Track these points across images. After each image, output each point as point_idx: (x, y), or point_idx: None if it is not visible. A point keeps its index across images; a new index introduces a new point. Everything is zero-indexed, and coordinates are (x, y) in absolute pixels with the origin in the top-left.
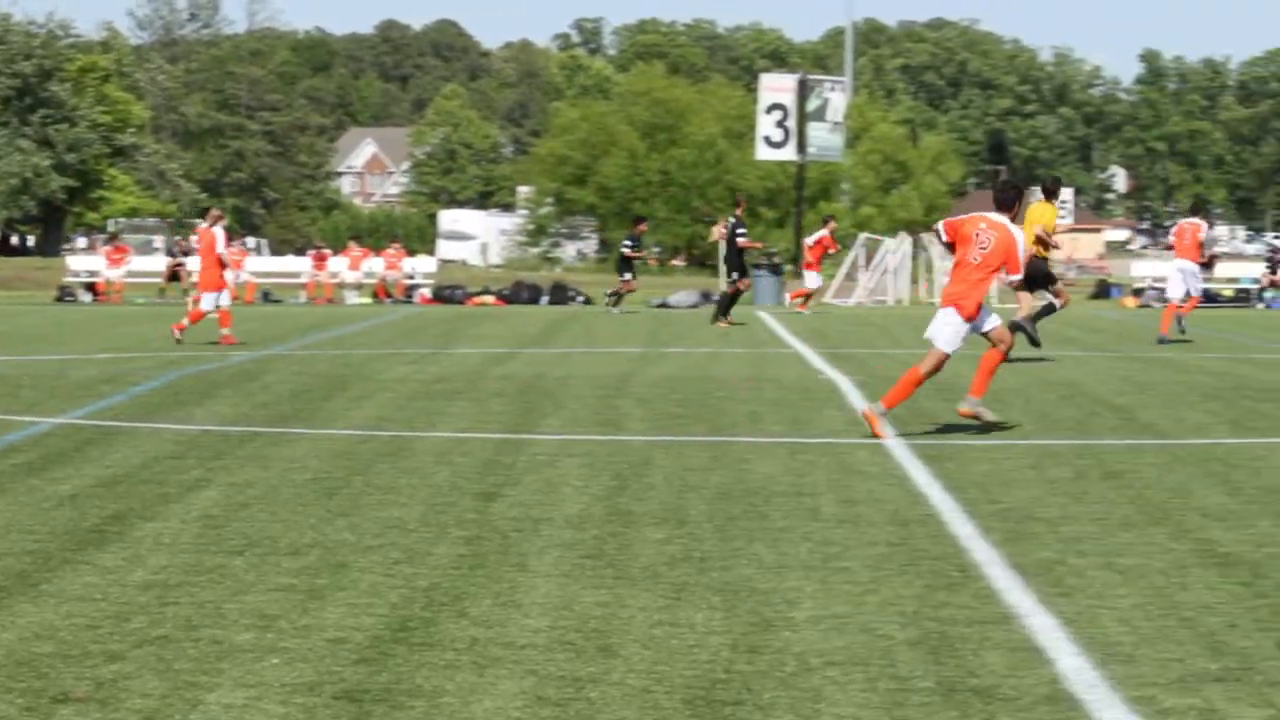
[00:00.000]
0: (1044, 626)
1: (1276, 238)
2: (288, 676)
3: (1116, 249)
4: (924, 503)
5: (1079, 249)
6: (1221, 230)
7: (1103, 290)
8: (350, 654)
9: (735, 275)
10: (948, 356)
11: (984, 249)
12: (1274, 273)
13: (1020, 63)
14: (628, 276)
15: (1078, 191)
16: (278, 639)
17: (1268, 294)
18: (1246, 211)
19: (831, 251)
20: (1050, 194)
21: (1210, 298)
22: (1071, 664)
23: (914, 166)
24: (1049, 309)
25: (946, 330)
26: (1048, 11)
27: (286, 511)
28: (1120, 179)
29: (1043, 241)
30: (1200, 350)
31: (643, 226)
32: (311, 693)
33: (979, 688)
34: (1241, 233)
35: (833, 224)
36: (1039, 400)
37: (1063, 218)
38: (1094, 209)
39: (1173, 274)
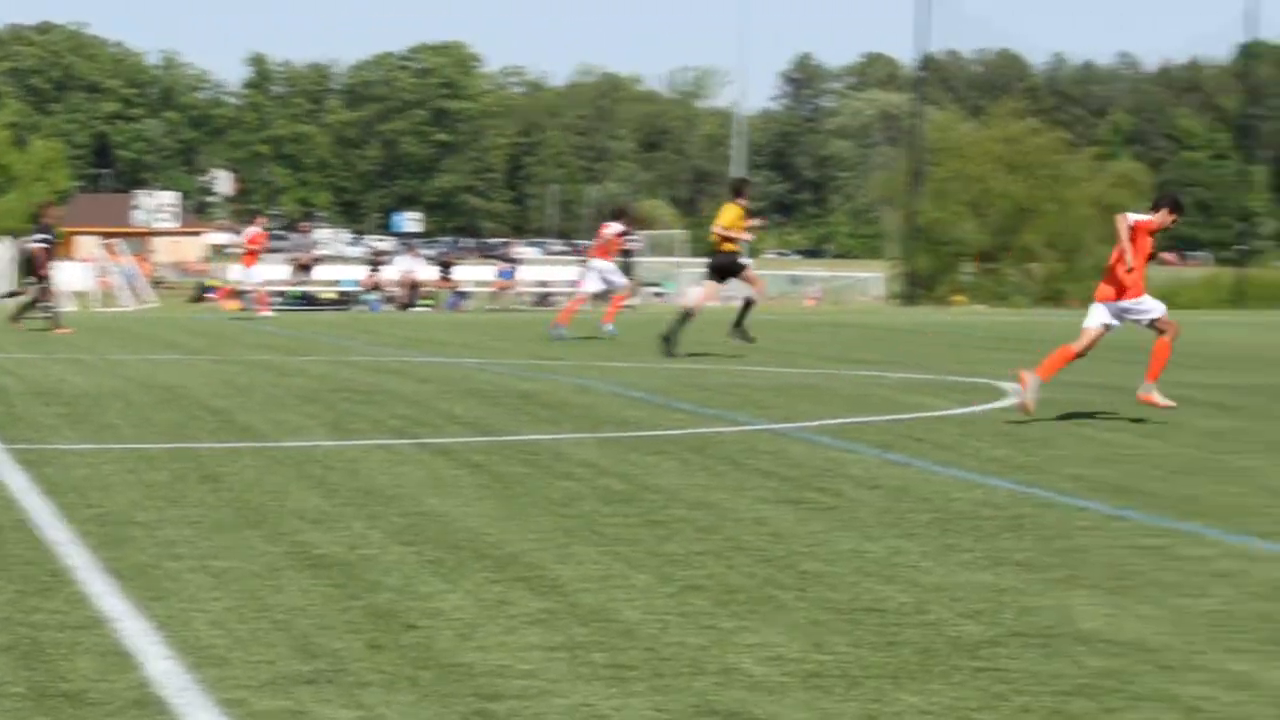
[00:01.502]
0: (136, 631)
1: (379, 240)
2: None
3: (219, 253)
4: (18, 508)
5: (179, 252)
6: (326, 233)
7: (202, 293)
8: None
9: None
10: (1163, 313)
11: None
12: (375, 274)
13: (127, 66)
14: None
15: (185, 195)
16: None
17: (368, 296)
18: (351, 214)
19: (256, 248)
20: (737, 193)
21: (311, 300)
22: (163, 667)
23: (20, 173)
24: (748, 303)
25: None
26: (156, 15)
27: None
28: (224, 182)
29: (727, 238)
30: (302, 353)
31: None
32: None
33: (69, 693)
34: (345, 235)
35: (262, 220)
36: (139, 403)
37: (751, 215)
38: (197, 212)
39: (589, 273)
